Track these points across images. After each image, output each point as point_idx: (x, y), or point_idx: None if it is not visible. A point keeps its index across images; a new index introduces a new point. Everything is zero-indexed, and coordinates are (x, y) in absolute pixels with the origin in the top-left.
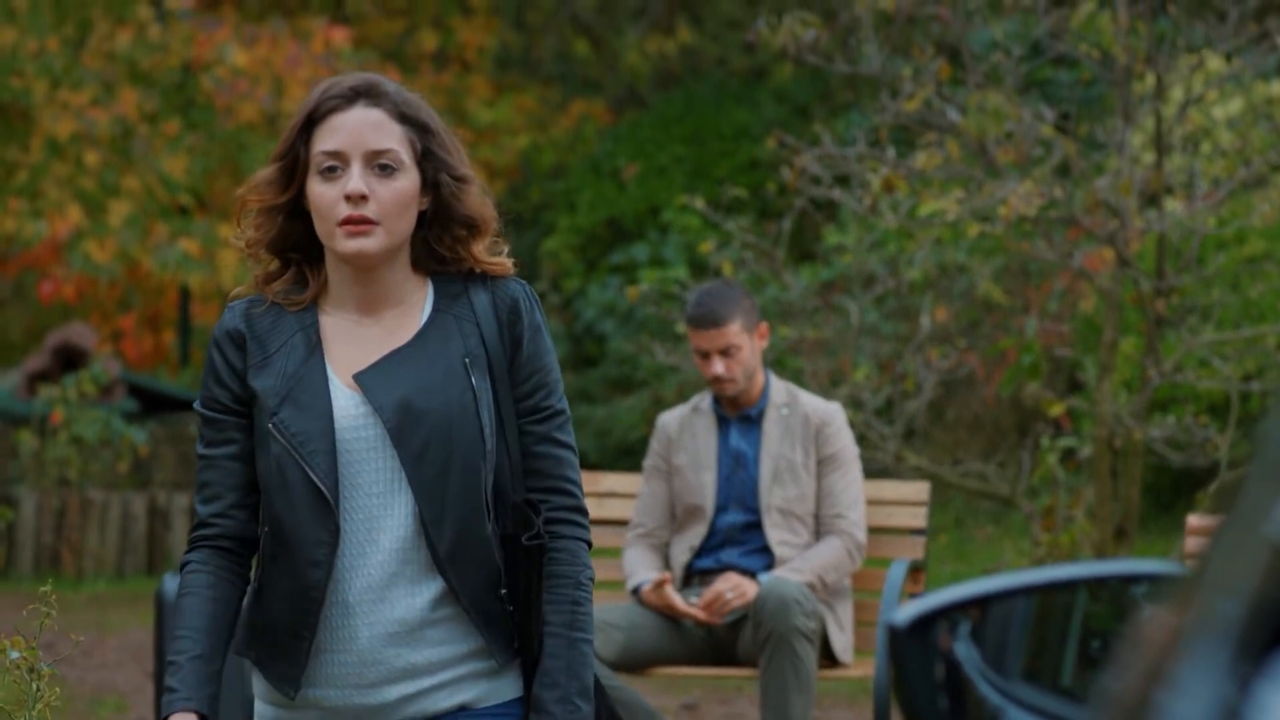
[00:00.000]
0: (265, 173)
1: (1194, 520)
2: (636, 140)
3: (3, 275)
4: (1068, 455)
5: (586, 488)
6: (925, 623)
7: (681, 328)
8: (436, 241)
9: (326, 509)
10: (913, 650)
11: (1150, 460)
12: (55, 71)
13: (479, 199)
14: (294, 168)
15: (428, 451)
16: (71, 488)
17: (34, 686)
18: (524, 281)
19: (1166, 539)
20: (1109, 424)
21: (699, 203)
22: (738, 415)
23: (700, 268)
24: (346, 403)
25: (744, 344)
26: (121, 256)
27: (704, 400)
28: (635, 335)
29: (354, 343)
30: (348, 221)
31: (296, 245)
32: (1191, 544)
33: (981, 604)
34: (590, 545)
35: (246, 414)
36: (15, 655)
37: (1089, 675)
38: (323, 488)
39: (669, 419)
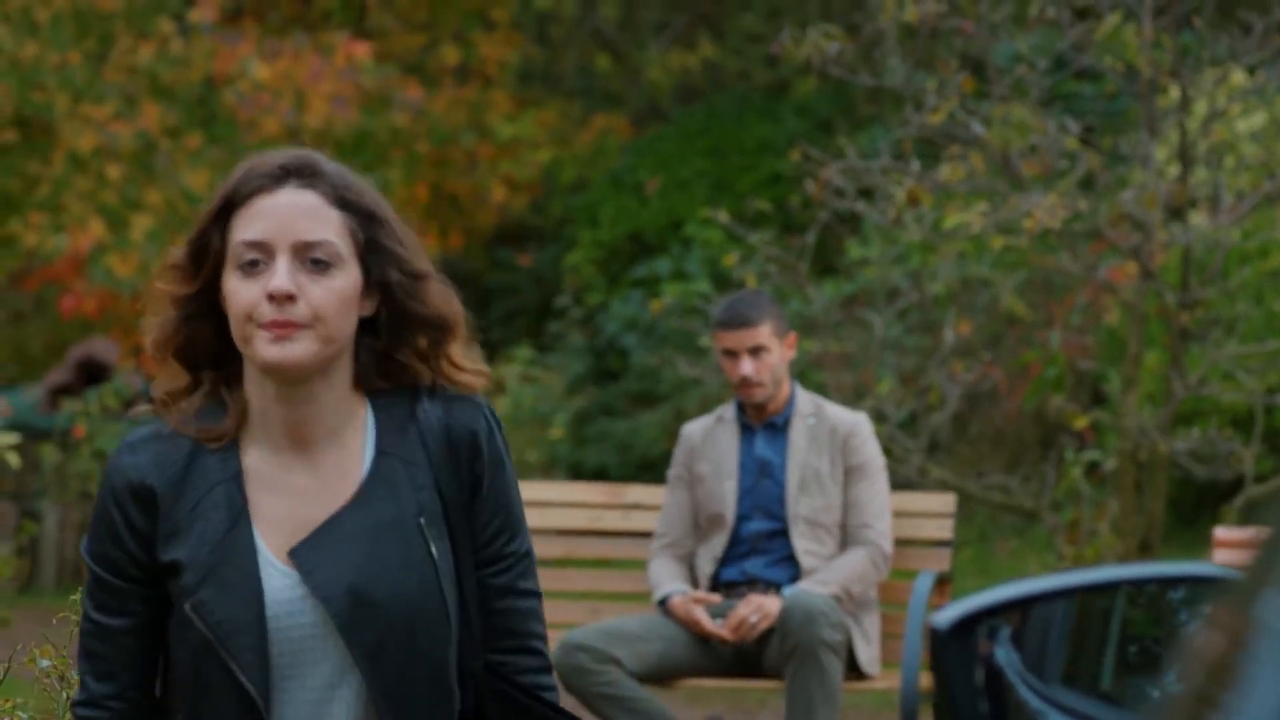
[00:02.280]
0: (174, 254)
1: (1221, 533)
2: (658, 154)
3: (24, 290)
4: (1092, 469)
5: (611, 500)
6: (966, 625)
7: (705, 340)
8: (397, 352)
9: (255, 716)
10: (954, 653)
11: (1174, 474)
12: (77, 85)
13: (441, 296)
14: (204, 257)
15: (385, 649)
16: (94, 501)
17: (64, 695)
18: (484, 401)
19: (1191, 552)
20: (1133, 437)
21: (723, 216)
22: (763, 423)
23: (723, 281)
24: (280, 584)
25: (773, 348)
26: (143, 270)
27: (728, 410)
28: (658, 349)
29: (284, 495)
30: (271, 325)
31: (209, 356)
32: (1220, 556)
33: (1022, 606)
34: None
35: (150, 584)
36: (45, 664)
37: (1128, 679)
38: (252, 692)
39: (692, 429)
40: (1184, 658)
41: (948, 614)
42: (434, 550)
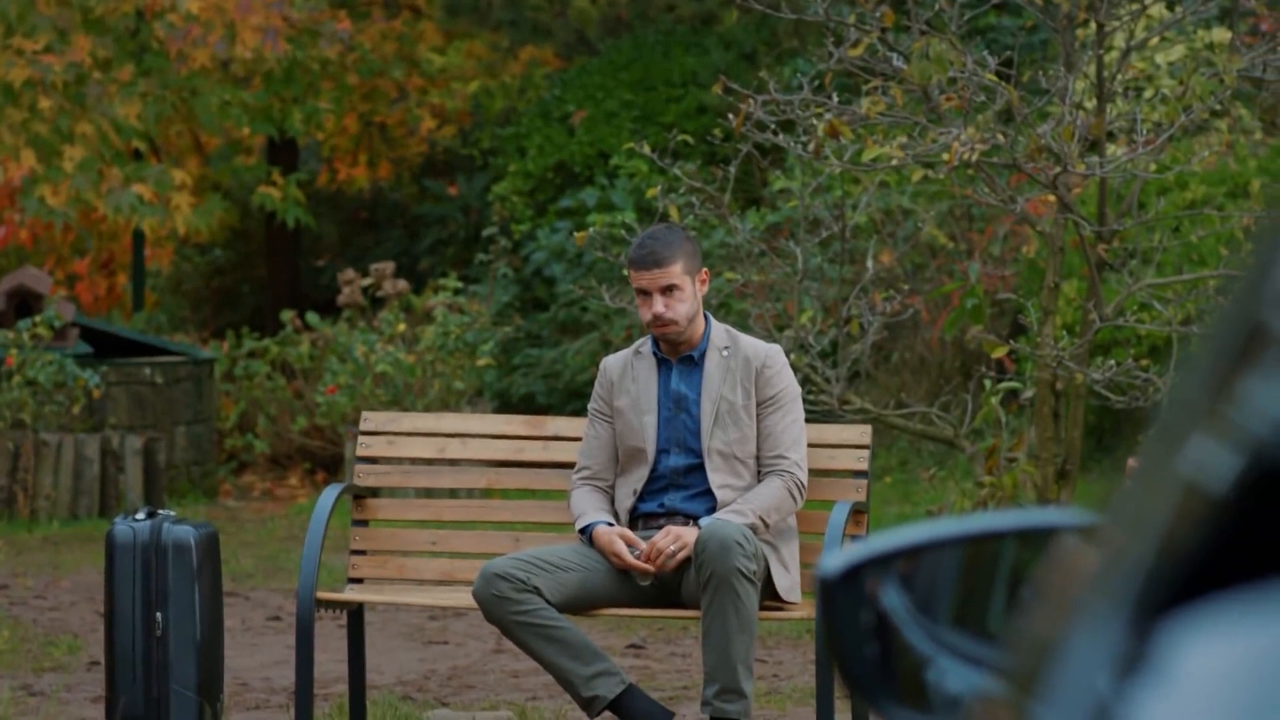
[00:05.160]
0: None
1: (1134, 463)
2: (585, 86)
3: None
4: (1010, 397)
5: (532, 431)
6: (855, 572)
7: (629, 271)
8: None
9: None
10: (842, 600)
11: (1092, 402)
12: (9, 18)
13: None
14: None
15: None
16: (25, 430)
17: None
18: None
19: (1108, 479)
20: (1051, 367)
21: (646, 148)
22: (678, 358)
23: (648, 212)
24: None
25: (685, 286)
26: (75, 201)
27: (645, 344)
28: (584, 279)
29: None
30: None
31: None
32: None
33: (911, 554)
34: None
35: None
36: None
37: (1016, 621)
38: None
39: (611, 363)
40: (1033, 597)
41: (835, 562)
42: None
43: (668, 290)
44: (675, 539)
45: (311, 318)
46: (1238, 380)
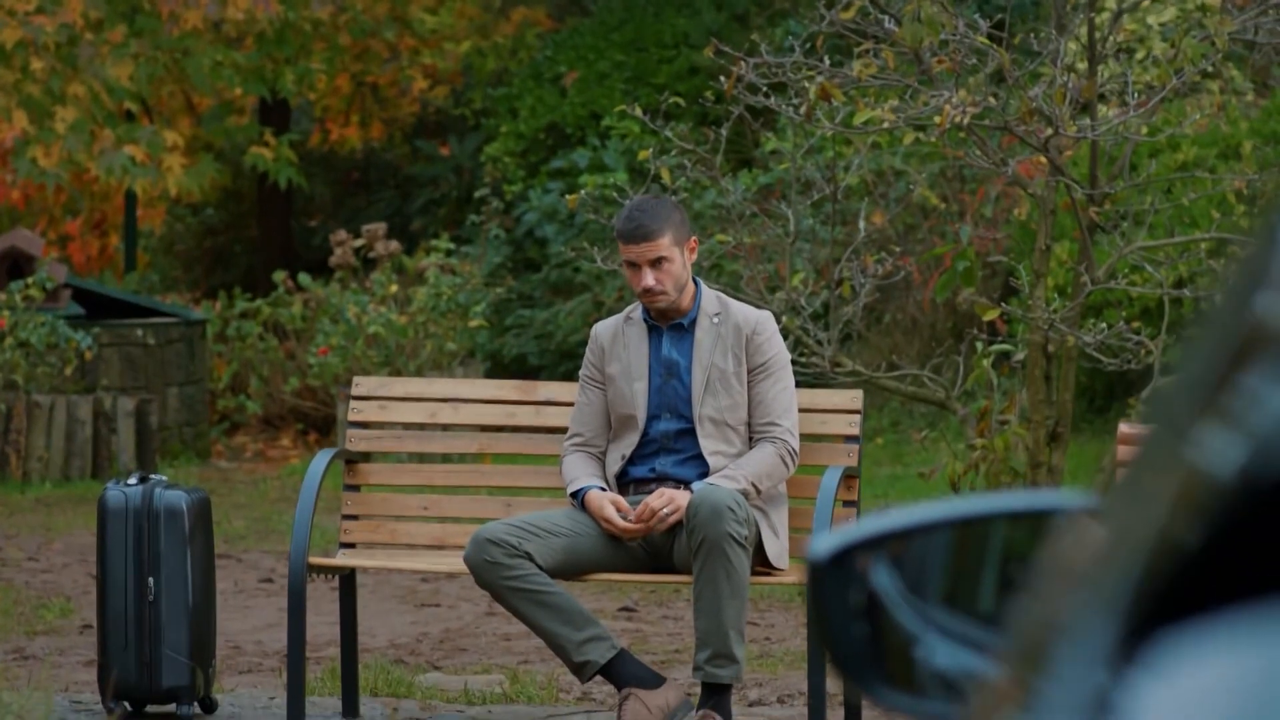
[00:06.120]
0: None
1: (1125, 429)
2: (577, 47)
3: None
4: (1002, 360)
5: (524, 396)
6: (844, 556)
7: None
8: None
9: None
10: (832, 583)
11: (1084, 364)
12: None
13: None
14: None
15: None
16: (17, 392)
17: None
18: None
19: (1100, 441)
20: (1042, 329)
21: (638, 110)
22: (669, 325)
23: (640, 173)
24: None
25: (675, 256)
26: (67, 162)
27: (636, 310)
28: (576, 240)
29: None
30: None
31: None
32: (1125, 453)
33: (901, 536)
34: None
35: None
36: None
37: (1008, 599)
38: None
39: (602, 329)
40: (1034, 584)
41: (825, 545)
42: None
43: (657, 263)
44: (668, 501)
45: (304, 279)
46: (1234, 381)
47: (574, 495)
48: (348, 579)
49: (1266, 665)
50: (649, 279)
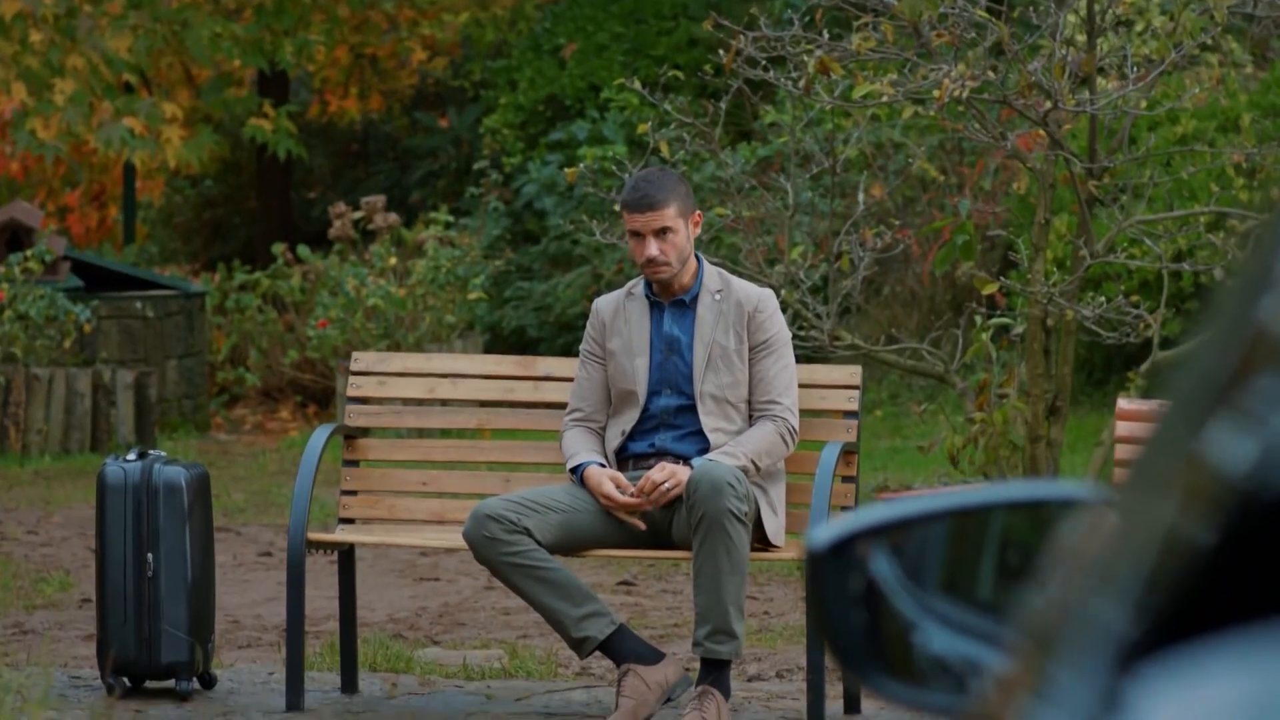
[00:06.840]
0: None
1: (1124, 404)
2: (576, 18)
3: None
4: (1001, 333)
5: (523, 371)
6: (844, 545)
7: (622, 213)
8: None
9: None
10: (831, 573)
11: (1083, 338)
12: None
13: None
14: None
15: None
16: (16, 365)
17: None
18: None
19: (1099, 414)
20: (1041, 303)
21: (636, 83)
22: (671, 300)
23: (639, 146)
24: None
25: (679, 228)
26: (66, 134)
27: (637, 285)
28: (574, 213)
29: None
30: None
31: None
32: (1122, 428)
33: (900, 526)
34: None
35: None
36: None
37: (1007, 586)
38: None
39: (603, 304)
40: (1046, 572)
41: (823, 535)
42: None
43: (661, 233)
44: (670, 474)
45: (303, 251)
46: (1245, 382)
47: (573, 471)
48: (347, 554)
49: (1272, 668)
50: (653, 249)
